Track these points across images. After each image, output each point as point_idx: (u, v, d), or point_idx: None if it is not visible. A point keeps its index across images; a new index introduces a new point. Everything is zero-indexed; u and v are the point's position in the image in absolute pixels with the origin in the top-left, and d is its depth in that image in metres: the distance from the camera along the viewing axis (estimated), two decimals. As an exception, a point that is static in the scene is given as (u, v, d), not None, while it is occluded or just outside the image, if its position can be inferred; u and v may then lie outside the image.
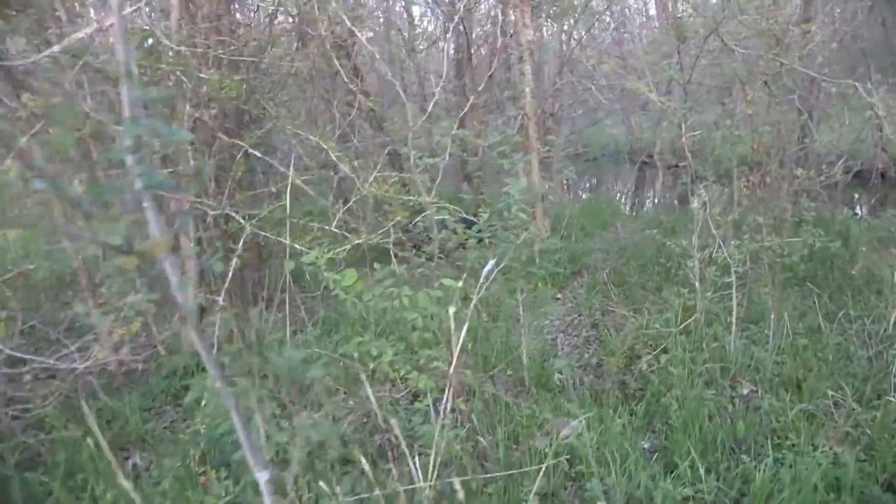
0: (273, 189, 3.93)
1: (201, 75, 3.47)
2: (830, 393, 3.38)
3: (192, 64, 3.47)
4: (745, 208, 4.41)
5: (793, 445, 3.03)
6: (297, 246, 3.37)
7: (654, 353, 4.09)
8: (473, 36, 10.66)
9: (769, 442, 3.15)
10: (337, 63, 4.36)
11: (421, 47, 12.28)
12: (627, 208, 13.04)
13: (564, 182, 14.72)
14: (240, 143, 3.81)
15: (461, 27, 10.33)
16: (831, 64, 5.83)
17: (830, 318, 4.52)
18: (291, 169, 4.31)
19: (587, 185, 16.65)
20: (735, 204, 4.83)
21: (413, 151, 3.32)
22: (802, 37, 5.03)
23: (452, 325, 2.38)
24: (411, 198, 3.56)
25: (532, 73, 7.53)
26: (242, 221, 3.47)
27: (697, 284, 4.09)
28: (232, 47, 3.75)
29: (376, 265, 2.84)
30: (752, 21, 4.54)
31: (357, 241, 3.35)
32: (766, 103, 4.38)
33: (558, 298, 6.75)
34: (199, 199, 3.80)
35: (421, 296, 2.47)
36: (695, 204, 3.70)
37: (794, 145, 5.44)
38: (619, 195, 15.02)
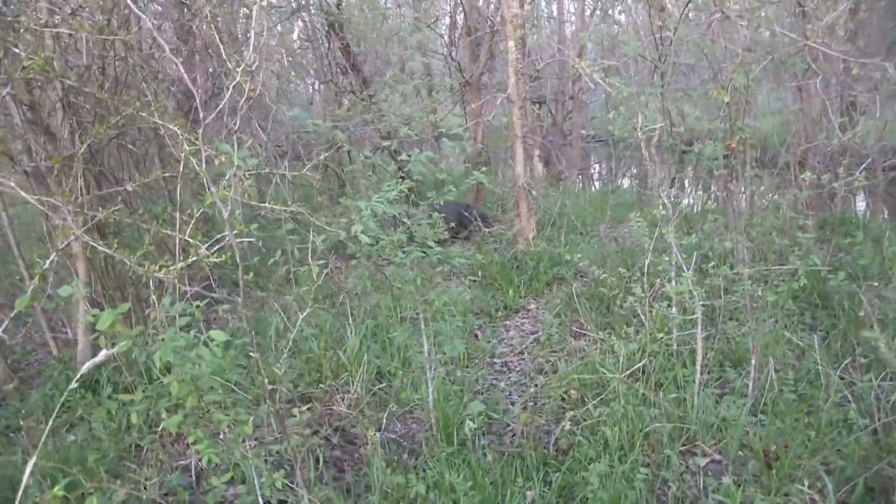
0: (129, 188, 3.20)
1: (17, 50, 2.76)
2: (806, 488, 2.44)
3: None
4: (710, 229, 3.42)
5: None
6: (127, 261, 2.61)
7: (591, 403, 3.20)
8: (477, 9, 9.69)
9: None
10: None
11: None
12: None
13: (577, 174, 13.64)
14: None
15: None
16: (856, 38, 4.67)
17: (838, 361, 3.54)
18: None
19: (609, 174, 15.46)
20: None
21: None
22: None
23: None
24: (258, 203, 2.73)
25: (518, 51, 6.57)
26: (73, 226, 2.74)
27: (645, 321, 3.16)
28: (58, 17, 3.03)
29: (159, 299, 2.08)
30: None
31: (192, 260, 2.56)
32: (763, 90, 3.37)
33: (529, 310, 5.90)
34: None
35: (161, 350, 1.70)
36: (636, 219, 2.74)
37: (810, 142, 4.37)
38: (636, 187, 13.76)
